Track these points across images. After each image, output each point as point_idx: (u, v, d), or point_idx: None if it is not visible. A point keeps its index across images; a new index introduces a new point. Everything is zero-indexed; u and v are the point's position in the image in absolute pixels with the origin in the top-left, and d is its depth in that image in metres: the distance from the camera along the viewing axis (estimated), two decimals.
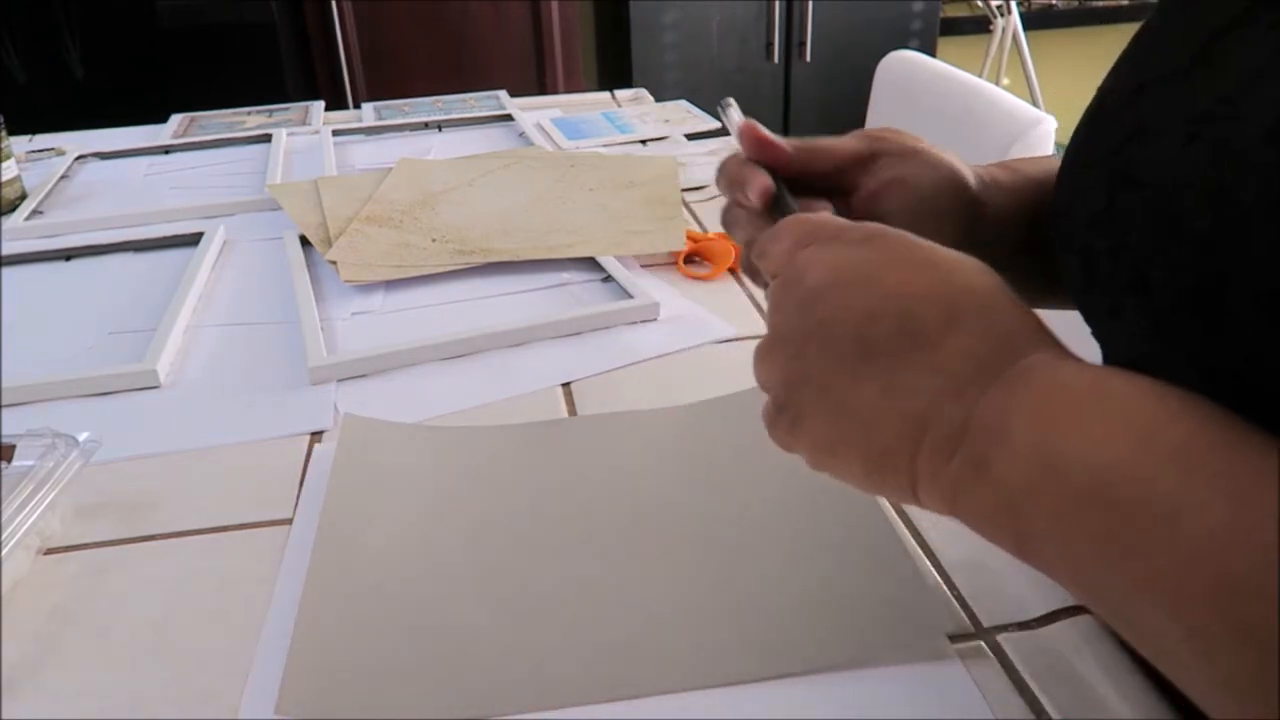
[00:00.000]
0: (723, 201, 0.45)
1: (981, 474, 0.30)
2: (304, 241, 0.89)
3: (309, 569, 0.48)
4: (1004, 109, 1.25)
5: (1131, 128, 0.35)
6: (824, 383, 0.33)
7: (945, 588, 0.46)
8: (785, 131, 2.56)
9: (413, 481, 0.54)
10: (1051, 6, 2.98)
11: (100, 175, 1.16)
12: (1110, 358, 0.37)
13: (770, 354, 0.36)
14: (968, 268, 0.33)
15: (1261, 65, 0.30)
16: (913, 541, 0.49)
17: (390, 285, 0.81)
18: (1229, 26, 0.33)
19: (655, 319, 0.74)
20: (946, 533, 0.49)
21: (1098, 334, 0.37)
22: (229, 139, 1.26)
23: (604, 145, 1.17)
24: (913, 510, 0.51)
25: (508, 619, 0.45)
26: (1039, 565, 0.29)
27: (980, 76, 1.42)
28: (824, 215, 0.38)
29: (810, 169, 0.45)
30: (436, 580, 0.47)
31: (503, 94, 1.44)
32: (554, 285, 0.81)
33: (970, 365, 0.31)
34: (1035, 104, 2.30)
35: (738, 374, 0.64)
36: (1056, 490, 0.28)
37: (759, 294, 0.78)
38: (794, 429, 0.35)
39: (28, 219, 1.00)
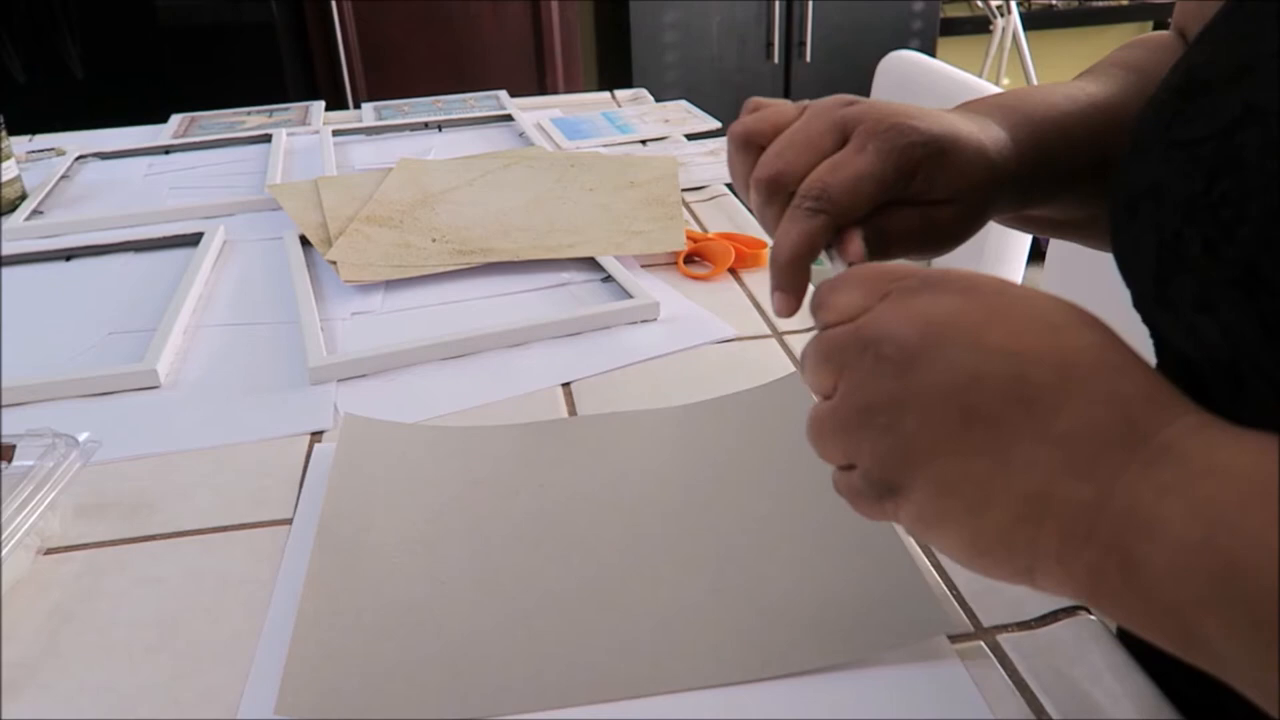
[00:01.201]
0: (722, 201, 0.45)
1: (1132, 573, 0.26)
2: (304, 241, 0.89)
3: (308, 569, 0.48)
4: None
5: (1239, 108, 0.31)
6: (926, 457, 0.29)
7: (945, 587, 0.46)
8: None
9: (413, 481, 0.54)
10: (1051, 6, 2.98)
11: (100, 175, 1.16)
12: (1176, 350, 0.34)
13: (853, 428, 0.31)
14: (1076, 322, 0.30)
15: None
16: (912, 541, 0.49)
17: (390, 285, 0.81)
18: None
19: (655, 319, 0.74)
20: None
21: (1162, 323, 0.34)
22: (229, 139, 1.26)
23: (604, 145, 1.17)
24: None
25: (507, 619, 0.45)
26: (1210, 669, 0.26)
27: (980, 76, 1.42)
28: (900, 264, 0.34)
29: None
30: (436, 580, 0.47)
31: (502, 94, 1.44)
32: (554, 285, 0.81)
33: (1096, 436, 0.27)
34: None
35: (738, 374, 0.64)
36: (1230, 601, 0.24)
37: (759, 294, 0.78)
38: (890, 505, 0.31)
39: (28, 219, 1.00)
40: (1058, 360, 0.28)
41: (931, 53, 2.51)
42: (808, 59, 2.50)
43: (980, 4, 2.80)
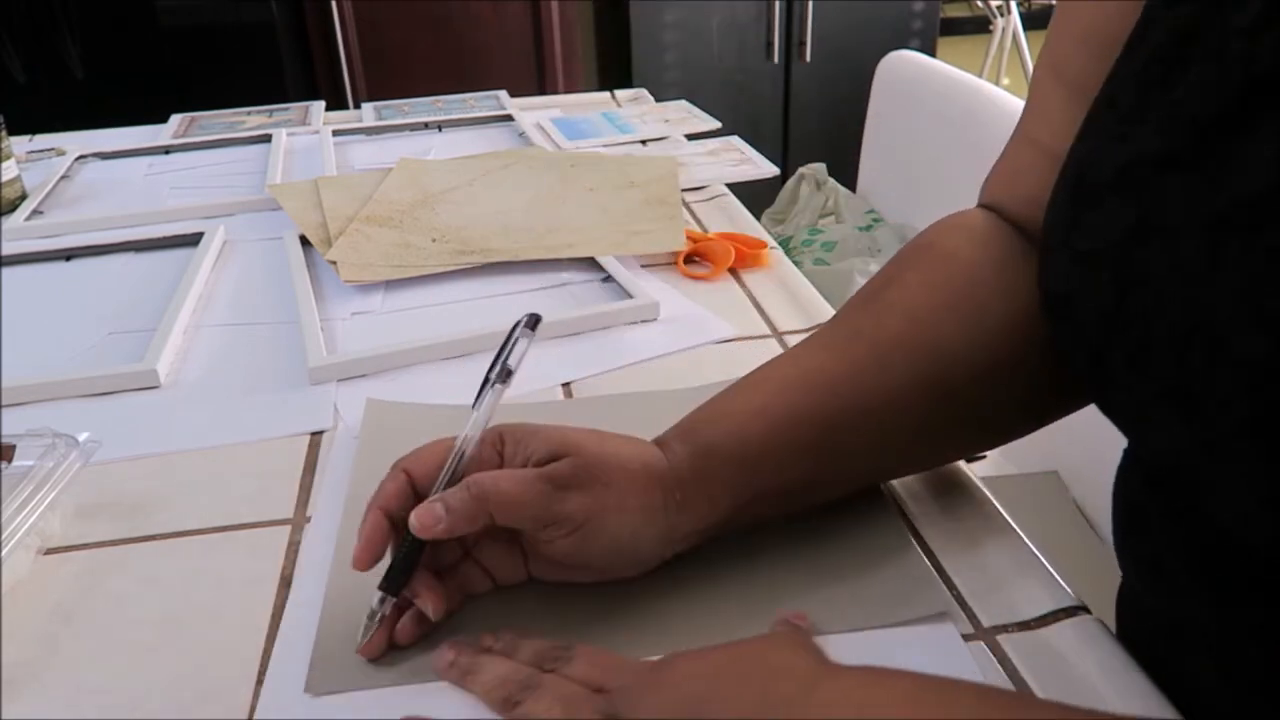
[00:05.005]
0: (722, 201, 0.45)
1: None
2: (304, 241, 0.89)
3: (337, 547, 0.48)
4: (1004, 109, 1.25)
5: (1133, 219, 0.33)
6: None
7: (945, 588, 0.46)
8: (785, 132, 2.56)
9: None
10: (1051, 7, 2.99)
11: (100, 175, 1.16)
12: (1142, 449, 0.37)
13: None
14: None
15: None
16: (913, 540, 0.49)
17: (390, 285, 0.81)
18: (1227, 119, 0.31)
19: (655, 319, 0.74)
20: (946, 533, 0.49)
21: (1121, 427, 0.36)
22: (229, 139, 1.26)
23: (604, 145, 1.17)
24: (913, 511, 0.51)
25: (529, 591, 0.46)
26: None
27: (980, 76, 1.42)
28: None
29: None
30: None
31: (502, 94, 1.44)
32: (554, 285, 0.81)
33: (771, 696, 0.33)
34: None
35: (738, 374, 0.64)
36: None
37: (759, 293, 0.79)
38: None
39: (28, 219, 1.00)
40: (709, 672, 0.35)
41: (931, 53, 2.51)
42: (807, 59, 2.49)
43: (980, 4, 2.80)
